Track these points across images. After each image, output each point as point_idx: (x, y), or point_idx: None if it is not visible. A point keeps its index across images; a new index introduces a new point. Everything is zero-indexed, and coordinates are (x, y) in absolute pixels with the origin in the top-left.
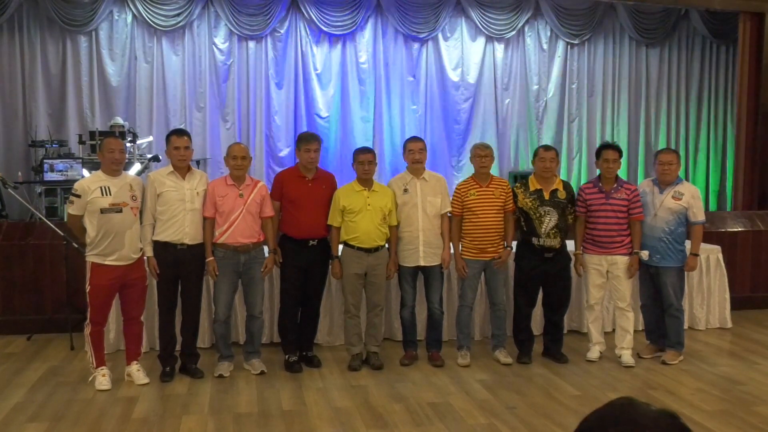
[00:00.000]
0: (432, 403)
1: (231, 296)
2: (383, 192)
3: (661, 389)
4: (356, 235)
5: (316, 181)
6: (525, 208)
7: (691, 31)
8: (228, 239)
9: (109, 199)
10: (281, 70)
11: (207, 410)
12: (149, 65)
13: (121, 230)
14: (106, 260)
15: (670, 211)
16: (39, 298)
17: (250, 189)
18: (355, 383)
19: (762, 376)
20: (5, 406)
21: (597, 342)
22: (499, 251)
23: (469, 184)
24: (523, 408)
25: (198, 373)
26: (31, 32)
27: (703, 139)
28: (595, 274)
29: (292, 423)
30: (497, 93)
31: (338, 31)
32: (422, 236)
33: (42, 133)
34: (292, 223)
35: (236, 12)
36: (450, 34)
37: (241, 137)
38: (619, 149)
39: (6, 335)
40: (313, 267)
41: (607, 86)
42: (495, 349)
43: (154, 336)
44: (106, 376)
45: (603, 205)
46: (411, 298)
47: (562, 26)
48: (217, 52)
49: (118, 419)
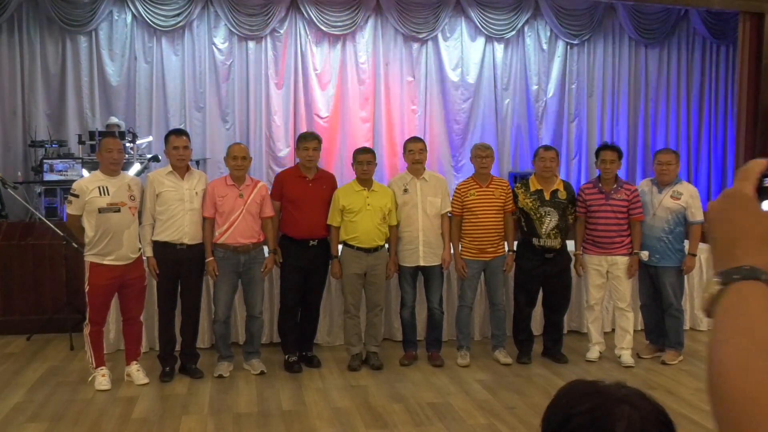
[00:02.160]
0: (432, 403)
1: (231, 296)
2: (383, 192)
3: (661, 389)
4: (356, 235)
5: (316, 181)
6: (525, 208)
7: (691, 31)
8: (228, 239)
9: (107, 198)
10: (281, 71)
11: (207, 410)
12: (149, 65)
13: (119, 230)
14: (105, 260)
15: (669, 211)
16: (39, 298)
17: (250, 189)
18: (355, 383)
19: None
20: (5, 406)
21: (597, 342)
22: (500, 252)
23: (469, 184)
24: (523, 408)
25: (198, 373)
26: (31, 32)
27: (703, 139)
28: (595, 275)
29: (292, 423)
30: (497, 93)
31: (338, 31)
32: (422, 236)
33: (42, 133)
34: (292, 223)
35: (236, 12)
36: (450, 34)
37: (240, 137)
38: (617, 150)
39: (6, 335)
40: (313, 267)
41: (606, 86)
42: (495, 349)
43: (154, 336)
44: (105, 376)
45: (603, 206)
46: (411, 298)
47: (562, 26)
48: (217, 52)
49: (118, 419)
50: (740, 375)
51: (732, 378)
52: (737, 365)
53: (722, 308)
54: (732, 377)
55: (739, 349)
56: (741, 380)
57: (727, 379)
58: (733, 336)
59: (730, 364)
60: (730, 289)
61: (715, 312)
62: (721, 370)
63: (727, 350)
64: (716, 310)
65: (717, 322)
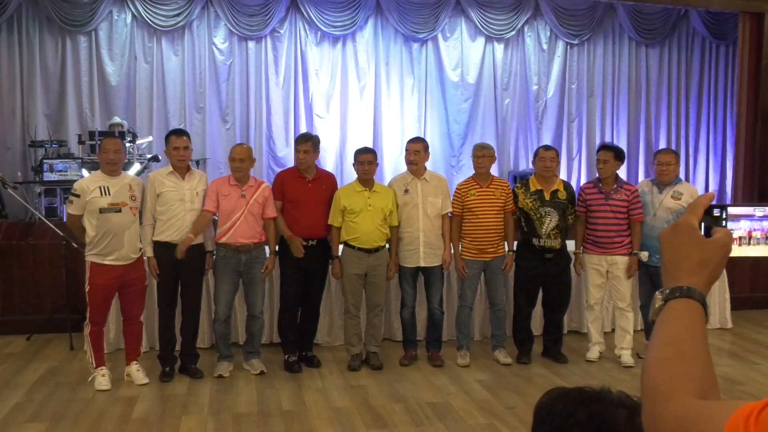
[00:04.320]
0: (432, 403)
1: (232, 296)
2: (384, 192)
3: None
4: (357, 235)
5: (316, 182)
6: (526, 208)
7: (691, 31)
8: (229, 239)
9: (107, 199)
10: (281, 70)
11: (206, 410)
12: (149, 65)
13: (120, 230)
14: (105, 260)
15: (669, 211)
16: (39, 298)
17: (252, 190)
18: (355, 383)
19: (762, 376)
20: (5, 406)
21: (597, 342)
22: (500, 252)
23: (470, 184)
24: (523, 408)
25: (197, 373)
26: (30, 32)
27: (703, 139)
28: (595, 274)
29: (292, 423)
30: (497, 93)
31: (338, 31)
32: (423, 237)
33: (41, 133)
34: (292, 223)
35: (236, 12)
36: (450, 34)
37: (240, 137)
38: (613, 150)
39: (6, 335)
40: (313, 267)
41: (606, 86)
42: (495, 349)
43: (154, 336)
44: (105, 376)
45: (602, 206)
46: (411, 299)
47: (562, 26)
48: (217, 52)
49: (118, 419)
50: (655, 372)
51: (649, 374)
52: (655, 365)
53: (659, 320)
54: (650, 374)
55: (661, 353)
56: (654, 375)
57: (646, 375)
58: (661, 344)
59: (652, 363)
60: (668, 305)
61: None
62: (646, 366)
63: (653, 354)
64: (656, 321)
65: (654, 331)
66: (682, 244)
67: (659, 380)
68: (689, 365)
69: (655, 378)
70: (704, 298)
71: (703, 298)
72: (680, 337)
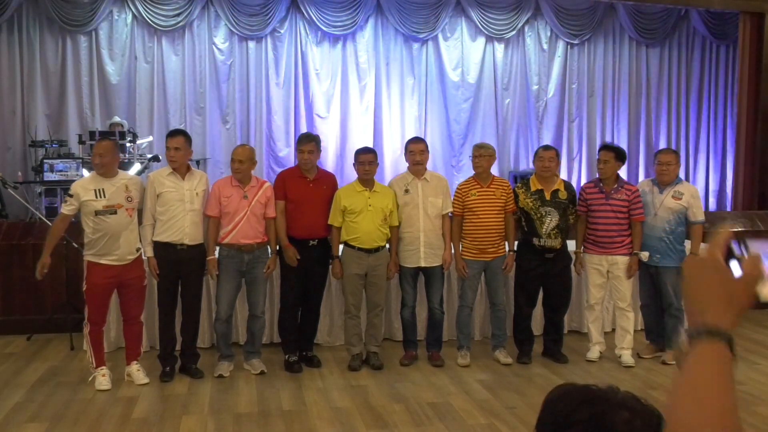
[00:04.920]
0: (432, 403)
1: (233, 295)
2: (384, 192)
3: (661, 389)
4: (357, 235)
5: (316, 182)
6: (526, 208)
7: (692, 31)
8: (232, 240)
9: (103, 201)
10: (281, 70)
11: (207, 410)
12: (149, 65)
13: (116, 232)
14: (102, 259)
15: (670, 211)
16: (39, 298)
17: (255, 190)
18: (355, 383)
19: (762, 376)
20: (5, 406)
21: (597, 342)
22: (500, 252)
23: (470, 184)
24: (523, 408)
25: (198, 373)
26: (31, 32)
27: (703, 139)
28: (596, 274)
29: (292, 423)
30: (497, 93)
31: (338, 31)
32: (423, 237)
33: (41, 133)
34: (293, 223)
35: (236, 12)
36: (450, 34)
37: (241, 137)
38: (613, 150)
39: (6, 335)
40: (314, 267)
41: (607, 86)
42: (495, 349)
43: (154, 336)
44: (105, 376)
45: (603, 206)
46: (411, 299)
47: (562, 26)
48: (217, 52)
49: (118, 419)
50: (678, 412)
51: (673, 413)
52: (678, 404)
53: (687, 366)
54: (673, 411)
55: (683, 396)
56: (676, 414)
57: (669, 413)
58: (683, 386)
59: (675, 404)
60: (694, 349)
61: (681, 363)
62: (671, 420)
63: (677, 397)
64: (683, 361)
65: (679, 372)
66: (709, 280)
67: (679, 419)
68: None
69: (676, 417)
70: (731, 337)
71: (731, 338)
72: (698, 383)
